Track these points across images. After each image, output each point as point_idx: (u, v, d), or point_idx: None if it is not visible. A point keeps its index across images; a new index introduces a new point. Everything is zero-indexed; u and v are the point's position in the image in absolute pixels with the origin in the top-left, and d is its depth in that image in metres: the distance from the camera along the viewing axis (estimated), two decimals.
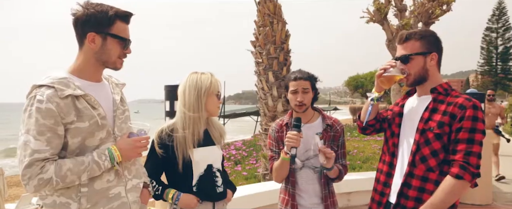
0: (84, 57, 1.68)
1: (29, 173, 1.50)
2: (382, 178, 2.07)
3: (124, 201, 1.73)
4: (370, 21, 8.01)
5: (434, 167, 1.83)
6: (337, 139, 2.40)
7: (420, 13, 7.65)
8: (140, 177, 1.86)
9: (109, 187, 1.68)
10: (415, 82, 1.93)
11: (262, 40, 6.57)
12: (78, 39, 1.67)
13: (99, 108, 1.66)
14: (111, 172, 1.69)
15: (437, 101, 1.87)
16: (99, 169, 1.62)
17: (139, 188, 1.83)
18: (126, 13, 1.69)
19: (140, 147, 1.71)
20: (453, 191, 1.74)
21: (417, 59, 1.88)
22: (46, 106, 1.52)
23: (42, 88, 1.56)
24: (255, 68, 6.75)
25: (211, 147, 2.19)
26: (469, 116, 1.75)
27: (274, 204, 3.90)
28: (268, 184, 4.64)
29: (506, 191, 6.61)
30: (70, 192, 1.61)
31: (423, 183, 1.85)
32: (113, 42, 1.67)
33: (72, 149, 1.61)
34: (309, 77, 2.36)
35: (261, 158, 6.73)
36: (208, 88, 2.11)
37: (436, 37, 1.93)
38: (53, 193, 1.61)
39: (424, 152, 1.84)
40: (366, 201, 2.25)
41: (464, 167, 1.73)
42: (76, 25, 1.65)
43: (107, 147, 1.66)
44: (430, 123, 1.83)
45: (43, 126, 1.52)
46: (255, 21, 6.79)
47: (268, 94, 6.53)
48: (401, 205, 1.90)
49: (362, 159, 8.09)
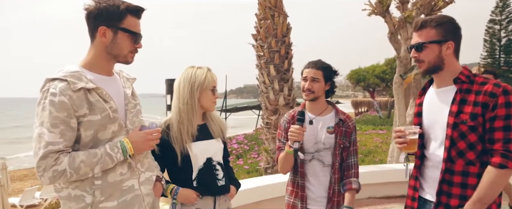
0: (96, 51, 1.71)
1: (43, 164, 1.53)
2: (414, 172, 2.01)
3: (137, 194, 1.75)
4: (372, 13, 7.94)
5: (474, 160, 1.77)
6: (349, 135, 2.39)
7: (422, 5, 7.57)
8: (152, 170, 1.89)
9: (123, 180, 1.71)
10: (429, 70, 1.87)
11: (263, 34, 6.54)
12: (90, 33, 1.70)
13: (111, 101, 1.68)
14: (124, 165, 1.71)
15: (463, 91, 1.80)
16: (111, 162, 1.64)
17: (152, 181, 1.85)
18: (138, 8, 1.71)
19: (151, 140, 1.73)
20: (498, 182, 1.69)
21: (431, 47, 1.82)
22: (59, 99, 1.55)
23: (55, 81, 1.59)
24: (256, 61, 6.73)
25: (210, 140, 2.17)
26: (502, 103, 1.70)
27: (275, 197, 3.91)
28: (270, 177, 4.64)
29: None
30: (84, 185, 1.64)
31: (465, 178, 1.79)
32: (123, 36, 1.69)
33: (86, 142, 1.63)
34: (321, 67, 2.36)
35: (263, 152, 6.73)
36: (201, 83, 2.09)
37: (455, 24, 1.85)
38: (68, 186, 1.64)
39: (460, 147, 1.78)
40: (369, 195, 2.24)
41: (505, 155, 1.68)
42: (88, 19, 1.68)
43: (119, 140, 1.68)
44: (462, 116, 1.77)
45: (56, 118, 1.54)
46: (256, 14, 6.75)
47: (269, 87, 6.51)
48: (443, 204, 1.83)
49: (365, 153, 8.10)
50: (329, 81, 2.40)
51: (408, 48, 1.91)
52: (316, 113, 2.39)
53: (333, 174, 2.35)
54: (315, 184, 2.37)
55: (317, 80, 2.34)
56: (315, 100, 2.38)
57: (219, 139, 2.22)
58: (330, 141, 2.35)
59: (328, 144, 2.35)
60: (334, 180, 2.35)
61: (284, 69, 6.56)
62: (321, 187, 2.37)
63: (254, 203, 3.81)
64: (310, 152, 2.36)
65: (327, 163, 2.36)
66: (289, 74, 6.63)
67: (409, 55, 2.21)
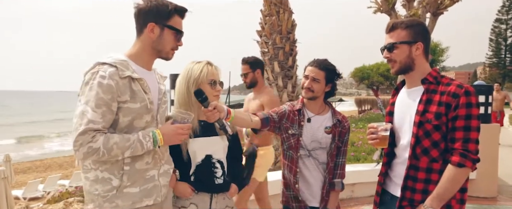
0: (141, 45, 1.82)
1: (81, 139, 1.62)
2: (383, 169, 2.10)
3: (156, 184, 1.86)
4: (378, 11, 7.91)
5: (437, 158, 1.86)
6: (343, 135, 2.42)
7: (428, 3, 7.53)
8: (171, 163, 2.00)
9: (147, 169, 1.82)
10: (401, 70, 1.95)
11: (268, 30, 6.52)
12: (138, 28, 1.82)
13: (150, 93, 1.80)
14: (150, 155, 1.82)
15: (429, 92, 1.88)
16: (141, 149, 1.73)
17: (169, 174, 1.96)
18: (184, 9, 1.84)
19: (182, 134, 1.82)
20: (456, 179, 1.78)
21: (402, 47, 1.91)
22: (107, 82, 1.65)
23: (105, 65, 1.70)
24: (260, 58, 6.72)
25: (213, 137, 2.16)
26: (463, 104, 1.77)
27: (272, 195, 3.90)
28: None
29: (511, 184, 6.57)
30: (113, 168, 1.74)
31: (428, 174, 1.87)
32: (169, 33, 1.81)
33: (121, 127, 1.74)
34: (325, 68, 2.36)
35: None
36: (196, 78, 2.09)
37: (423, 27, 1.95)
38: (97, 168, 1.74)
39: (425, 144, 1.86)
40: (370, 193, 2.25)
41: (464, 155, 1.76)
42: (138, 16, 1.80)
43: (151, 130, 1.78)
44: (427, 115, 1.85)
45: (101, 100, 1.64)
46: (262, 10, 6.73)
47: (273, 84, 6.50)
48: (408, 199, 1.91)
49: (367, 151, 8.08)
50: (330, 83, 2.40)
51: (381, 49, 2.00)
52: (315, 112, 2.41)
53: (327, 174, 2.37)
54: (309, 180, 2.38)
55: (317, 81, 2.34)
56: (314, 99, 2.39)
57: (224, 137, 2.18)
58: (327, 141, 2.36)
59: (324, 144, 2.36)
60: (328, 179, 2.38)
61: (288, 66, 6.55)
62: (314, 185, 2.39)
63: (251, 201, 3.80)
64: (306, 149, 2.37)
65: (322, 161, 2.38)
66: (293, 71, 6.62)
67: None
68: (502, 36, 59.74)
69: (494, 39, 60.46)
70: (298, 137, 2.35)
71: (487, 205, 5.27)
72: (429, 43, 1.99)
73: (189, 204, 2.11)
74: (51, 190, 9.70)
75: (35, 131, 32.56)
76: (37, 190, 10.17)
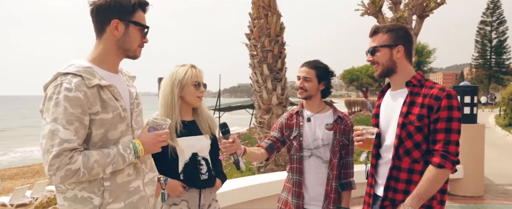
0: (105, 46, 1.65)
1: (57, 163, 1.44)
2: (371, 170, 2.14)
3: (143, 195, 1.72)
4: (365, 13, 8.00)
5: (419, 159, 1.89)
6: (348, 133, 2.44)
7: (414, 6, 7.65)
8: (154, 170, 1.87)
9: (130, 180, 1.67)
10: (384, 73, 2.01)
11: (256, 33, 6.55)
12: (99, 28, 1.64)
13: (121, 100, 1.64)
14: (130, 166, 1.67)
15: (413, 94, 1.93)
16: (123, 162, 1.59)
17: (154, 182, 1.83)
18: (146, 2, 1.70)
19: (161, 142, 1.71)
20: (436, 180, 1.83)
21: (383, 50, 1.97)
22: (75, 95, 1.48)
23: (68, 76, 1.52)
24: (250, 60, 6.73)
25: (197, 136, 2.26)
26: (445, 106, 1.82)
27: (268, 196, 3.93)
28: (263, 176, 4.66)
29: (497, 183, 6.69)
30: (92, 186, 1.57)
31: (410, 175, 1.91)
32: (135, 30, 1.66)
33: (95, 141, 1.58)
34: (315, 66, 2.43)
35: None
36: (181, 80, 2.17)
37: (405, 31, 2.01)
38: (74, 187, 1.57)
39: (407, 145, 1.90)
40: (360, 194, 2.29)
41: (444, 156, 1.80)
42: (97, 13, 1.62)
43: (130, 141, 1.65)
44: (410, 117, 1.89)
45: (71, 115, 1.47)
46: (250, 13, 6.75)
47: (262, 86, 6.52)
48: (389, 199, 1.95)
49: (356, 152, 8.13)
50: (323, 81, 2.44)
51: (365, 52, 2.05)
52: (314, 111, 2.47)
53: (331, 170, 2.39)
54: (313, 180, 2.41)
55: (309, 80, 2.41)
56: (310, 98, 2.45)
57: (208, 136, 2.31)
58: (329, 138, 2.40)
59: (327, 141, 2.40)
60: (332, 176, 2.39)
61: (277, 69, 6.57)
62: (319, 184, 2.41)
63: (247, 202, 3.82)
64: (309, 149, 2.41)
65: (326, 159, 2.41)
66: (282, 73, 6.65)
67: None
68: (487, 38, 60.74)
69: (480, 41, 61.43)
70: (299, 138, 2.40)
71: (474, 204, 5.36)
72: (412, 47, 2.04)
73: (180, 201, 2.19)
74: (39, 196, 9.56)
75: (23, 136, 32.05)
76: (25, 196, 10.02)
